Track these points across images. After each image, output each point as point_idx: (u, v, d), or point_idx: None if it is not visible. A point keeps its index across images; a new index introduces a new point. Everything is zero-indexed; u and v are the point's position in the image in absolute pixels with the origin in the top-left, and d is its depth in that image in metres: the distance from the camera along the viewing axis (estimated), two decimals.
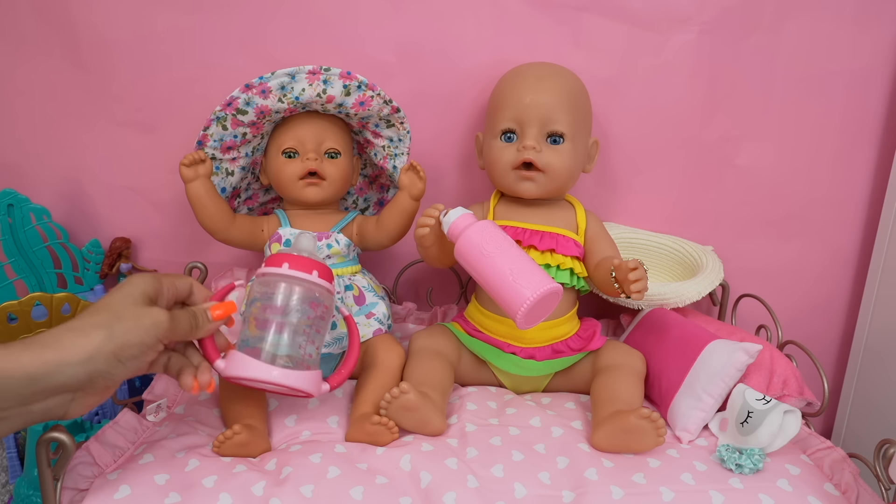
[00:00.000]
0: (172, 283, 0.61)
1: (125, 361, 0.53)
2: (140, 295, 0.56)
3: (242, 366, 0.63)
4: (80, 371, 0.51)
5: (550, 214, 0.86)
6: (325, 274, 0.68)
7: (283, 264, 0.66)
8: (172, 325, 0.57)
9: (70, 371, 0.51)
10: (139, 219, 1.01)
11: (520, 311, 0.66)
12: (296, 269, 0.66)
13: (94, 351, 0.51)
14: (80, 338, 0.52)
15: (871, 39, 0.94)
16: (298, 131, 0.83)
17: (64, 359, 0.50)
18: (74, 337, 0.52)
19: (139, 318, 0.55)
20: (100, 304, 0.55)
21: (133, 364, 0.54)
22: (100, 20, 0.91)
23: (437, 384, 0.75)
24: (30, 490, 0.79)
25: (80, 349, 0.51)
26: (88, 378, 0.52)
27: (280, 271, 0.66)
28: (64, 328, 0.52)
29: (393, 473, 0.64)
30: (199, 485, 0.61)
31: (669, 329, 0.83)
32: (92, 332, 0.52)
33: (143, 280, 0.58)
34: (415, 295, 1.08)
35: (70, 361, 0.50)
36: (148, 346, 0.55)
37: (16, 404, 0.50)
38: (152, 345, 0.55)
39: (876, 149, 1.00)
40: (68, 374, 0.51)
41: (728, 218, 1.03)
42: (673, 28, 0.93)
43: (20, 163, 0.97)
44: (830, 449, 0.69)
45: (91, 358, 0.51)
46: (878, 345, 0.99)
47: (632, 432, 0.67)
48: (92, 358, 0.51)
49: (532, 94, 0.83)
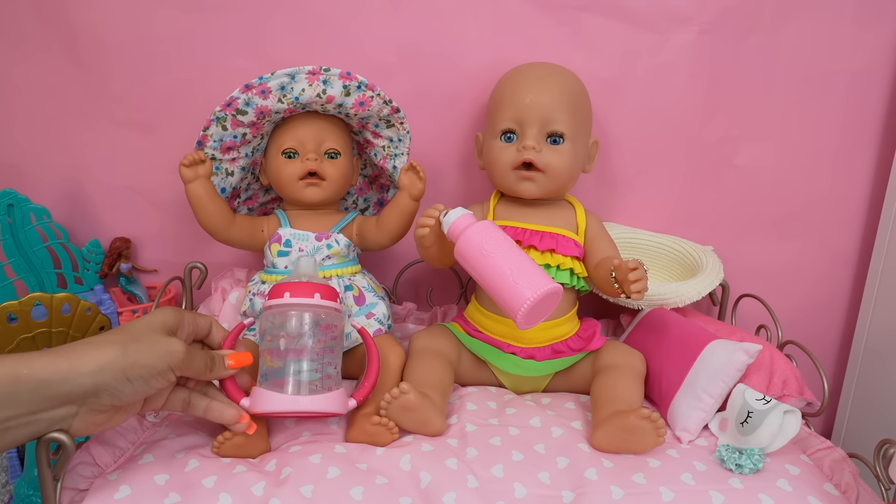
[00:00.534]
0: (193, 320, 0.64)
1: (133, 380, 0.55)
2: (160, 324, 0.59)
3: (269, 402, 0.65)
4: (89, 381, 0.53)
5: (550, 214, 0.86)
6: (328, 294, 0.68)
7: (285, 294, 0.67)
8: (187, 359, 0.59)
9: (79, 380, 0.52)
10: (139, 219, 1.01)
11: (520, 311, 0.66)
12: (298, 296, 0.67)
13: (104, 364, 0.53)
14: (93, 350, 0.54)
15: (871, 39, 0.94)
16: (298, 132, 0.83)
17: (76, 368, 0.52)
18: (89, 349, 0.54)
19: (155, 343, 0.57)
20: (121, 328, 0.58)
21: (140, 385, 0.56)
22: (99, 20, 0.91)
23: (437, 384, 0.75)
24: (30, 490, 0.79)
25: (91, 360, 0.53)
26: (94, 390, 0.53)
27: (283, 302, 0.67)
28: (81, 342, 0.55)
29: (393, 473, 0.64)
30: (199, 485, 0.61)
31: (669, 329, 0.83)
32: (107, 347, 0.54)
33: (166, 312, 0.61)
34: (415, 295, 1.08)
35: (81, 371, 0.52)
36: (157, 371, 0.57)
37: (25, 412, 0.51)
38: (162, 371, 0.57)
39: (876, 149, 1.00)
40: (77, 382, 0.52)
41: (728, 218, 1.03)
42: (673, 28, 0.93)
43: (20, 163, 0.97)
44: (830, 449, 0.69)
45: (101, 370, 0.53)
46: (878, 345, 0.99)
47: (632, 432, 0.67)
48: (102, 370, 0.53)
49: (532, 94, 0.83)
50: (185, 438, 0.69)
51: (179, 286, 1.00)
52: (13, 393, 0.50)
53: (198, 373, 0.62)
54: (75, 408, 0.54)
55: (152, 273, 1.04)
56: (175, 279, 0.92)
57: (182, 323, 0.62)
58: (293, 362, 0.66)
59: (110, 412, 0.56)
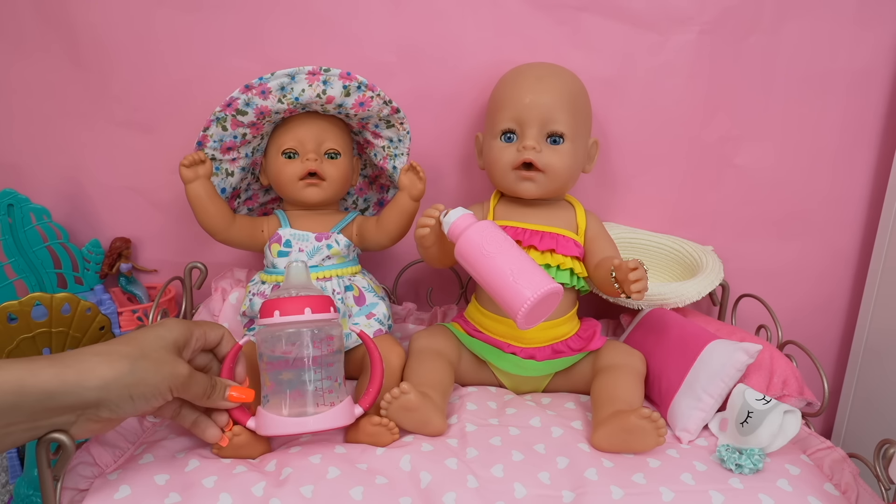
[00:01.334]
0: (203, 334, 0.64)
1: (135, 399, 0.55)
2: (172, 342, 0.59)
3: (275, 425, 0.65)
4: (93, 396, 0.53)
5: (550, 214, 0.86)
6: (319, 306, 0.67)
7: (275, 313, 0.66)
8: (189, 382, 0.59)
9: (84, 394, 0.52)
10: (139, 219, 1.01)
11: (520, 311, 0.66)
12: (288, 314, 0.65)
13: (111, 380, 0.53)
14: (103, 364, 0.53)
15: (871, 39, 0.94)
16: (298, 132, 0.83)
17: (82, 381, 0.52)
18: (98, 362, 0.53)
19: (162, 362, 0.57)
20: (131, 337, 0.57)
21: (141, 404, 0.56)
22: (98, 19, 0.91)
23: (437, 384, 0.75)
24: (30, 490, 0.79)
25: (99, 375, 0.53)
26: (97, 403, 0.53)
27: (274, 321, 0.65)
28: (90, 351, 0.54)
29: (393, 474, 0.64)
30: (199, 485, 0.61)
31: (669, 329, 0.83)
32: (116, 362, 0.54)
33: (178, 327, 0.60)
34: (415, 295, 1.08)
35: (87, 385, 0.52)
36: (158, 392, 0.57)
37: (26, 419, 0.51)
38: (163, 392, 0.57)
39: (876, 149, 1.00)
40: (81, 396, 0.52)
41: (728, 218, 1.03)
42: (673, 28, 0.93)
43: (20, 163, 0.97)
44: (830, 449, 0.69)
45: (107, 386, 0.53)
46: (878, 345, 0.99)
47: (632, 432, 0.67)
48: (108, 386, 0.53)
49: (532, 94, 0.83)
50: (185, 438, 0.69)
51: (179, 286, 1.00)
52: (17, 403, 0.50)
53: (195, 398, 0.61)
54: (75, 416, 0.54)
55: (152, 273, 1.04)
56: (175, 279, 0.92)
57: (191, 339, 0.62)
58: (294, 382, 0.65)
59: (106, 422, 0.56)
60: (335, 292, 0.81)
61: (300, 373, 0.65)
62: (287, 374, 0.65)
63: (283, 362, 0.66)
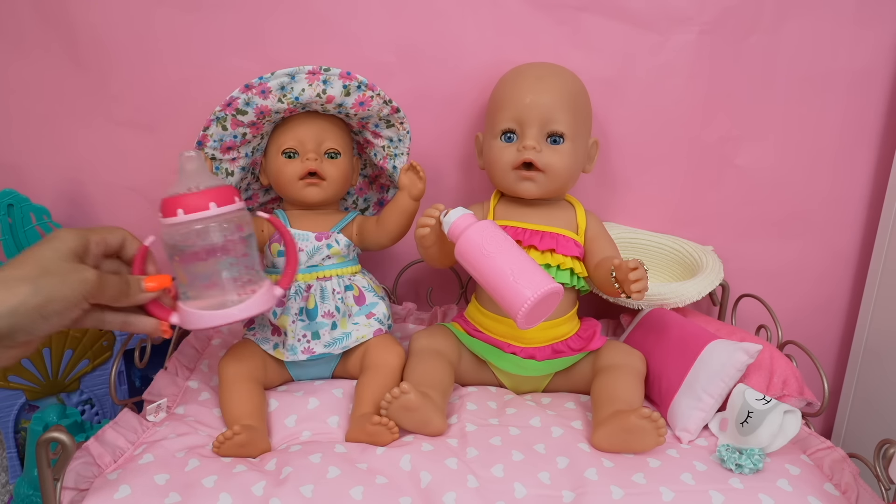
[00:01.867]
0: (103, 239, 0.60)
1: (48, 317, 0.53)
2: (69, 251, 0.56)
3: (198, 318, 0.64)
4: (2, 324, 0.50)
5: (550, 214, 0.86)
6: (224, 199, 0.64)
7: (178, 212, 0.63)
8: (100, 286, 0.56)
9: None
10: (139, 219, 1.01)
11: (520, 311, 0.66)
12: (192, 211, 0.63)
13: (17, 304, 0.51)
14: (2, 290, 0.51)
15: (871, 39, 0.94)
16: (298, 131, 0.83)
17: None
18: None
19: (66, 273, 0.54)
20: (26, 256, 0.54)
21: (56, 320, 0.54)
22: (98, 19, 0.91)
23: (437, 384, 0.75)
24: (30, 490, 0.79)
25: (2, 302, 0.50)
26: (9, 331, 0.51)
27: (178, 221, 0.63)
28: None
29: (393, 473, 0.64)
30: (199, 485, 0.61)
31: (669, 329, 0.83)
32: (17, 286, 0.51)
33: (70, 234, 0.57)
34: (415, 295, 1.08)
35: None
36: (72, 303, 0.54)
37: None
38: (77, 302, 0.54)
39: (876, 149, 1.00)
40: None
41: (728, 218, 1.03)
42: (673, 28, 0.93)
43: (20, 163, 0.97)
44: (830, 449, 0.69)
45: (14, 311, 0.51)
46: (878, 345, 0.99)
47: (632, 432, 0.67)
48: (15, 311, 0.51)
49: (532, 94, 0.83)
50: (185, 438, 0.69)
51: None
52: None
53: (112, 299, 0.59)
54: None
55: None
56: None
57: (89, 245, 0.58)
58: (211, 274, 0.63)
59: (24, 346, 0.54)
60: (335, 292, 0.82)
61: (216, 264, 0.64)
62: (201, 266, 0.64)
63: (195, 255, 0.64)
